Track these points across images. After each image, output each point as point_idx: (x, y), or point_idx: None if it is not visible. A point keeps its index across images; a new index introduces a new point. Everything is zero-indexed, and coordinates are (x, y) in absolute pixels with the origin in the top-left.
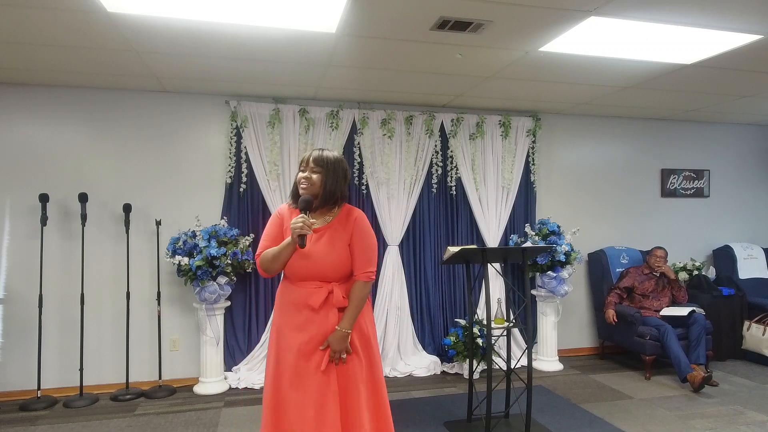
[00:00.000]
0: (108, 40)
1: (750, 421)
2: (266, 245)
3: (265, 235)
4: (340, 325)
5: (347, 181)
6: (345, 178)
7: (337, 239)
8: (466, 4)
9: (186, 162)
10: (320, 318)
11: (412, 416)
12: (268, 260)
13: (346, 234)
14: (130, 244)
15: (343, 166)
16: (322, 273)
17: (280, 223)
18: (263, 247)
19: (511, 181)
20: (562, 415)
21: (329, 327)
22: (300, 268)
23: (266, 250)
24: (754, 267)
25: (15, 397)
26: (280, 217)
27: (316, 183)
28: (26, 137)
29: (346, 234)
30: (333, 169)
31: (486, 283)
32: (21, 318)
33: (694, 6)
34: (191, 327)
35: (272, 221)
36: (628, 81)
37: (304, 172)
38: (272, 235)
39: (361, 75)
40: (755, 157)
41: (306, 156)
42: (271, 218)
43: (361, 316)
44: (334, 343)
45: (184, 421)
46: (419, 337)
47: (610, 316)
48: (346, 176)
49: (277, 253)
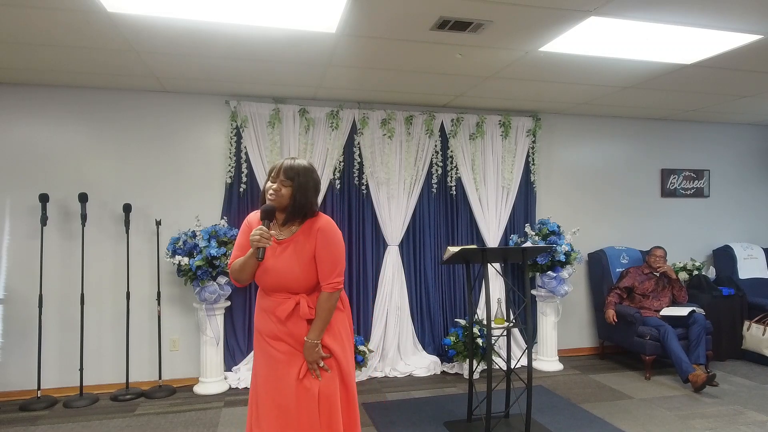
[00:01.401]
0: (108, 40)
1: (750, 421)
2: (236, 254)
3: (236, 244)
4: (308, 336)
5: (317, 193)
6: (315, 191)
7: (300, 251)
8: (466, 4)
9: (186, 162)
10: (289, 329)
11: (412, 416)
12: (237, 270)
13: (310, 245)
14: (130, 244)
15: (314, 177)
16: (288, 285)
17: (248, 231)
18: (234, 256)
19: (511, 181)
20: (562, 415)
21: (300, 338)
22: (266, 280)
23: (236, 259)
24: (754, 267)
25: (15, 397)
26: (248, 226)
27: (285, 196)
28: (26, 137)
29: (309, 245)
30: (304, 182)
31: (486, 283)
32: (21, 318)
33: (694, 6)
34: (191, 327)
35: (242, 230)
36: (628, 81)
37: (274, 182)
38: (242, 245)
39: (361, 75)
40: (755, 157)
41: (277, 166)
42: (241, 227)
43: (334, 324)
44: (306, 354)
45: (184, 421)
46: (419, 337)
47: (610, 316)
48: (317, 188)
49: (242, 263)
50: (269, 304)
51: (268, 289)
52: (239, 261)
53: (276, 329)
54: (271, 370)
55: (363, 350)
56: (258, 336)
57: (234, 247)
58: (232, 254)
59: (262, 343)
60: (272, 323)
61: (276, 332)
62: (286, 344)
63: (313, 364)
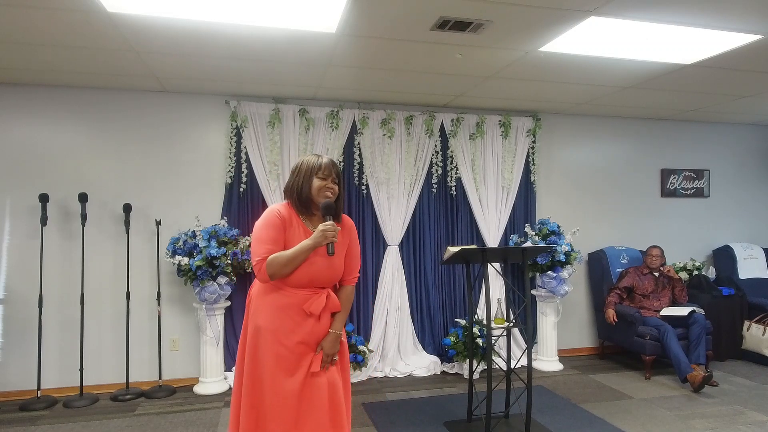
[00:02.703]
0: (108, 40)
1: (750, 421)
2: (270, 249)
3: (265, 238)
4: (334, 327)
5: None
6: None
7: (338, 247)
8: (466, 4)
9: (186, 162)
10: (312, 323)
11: (412, 416)
12: (280, 265)
13: (345, 241)
14: (130, 244)
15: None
16: (324, 279)
17: (282, 226)
18: (268, 251)
19: (511, 181)
20: (562, 415)
21: (323, 331)
22: (305, 274)
23: (273, 254)
24: (754, 267)
25: (15, 397)
26: (280, 219)
27: (335, 194)
28: (26, 137)
29: (344, 241)
30: (342, 183)
31: (486, 283)
32: (21, 318)
33: (694, 6)
34: (191, 327)
35: (273, 223)
36: (628, 81)
37: (325, 180)
38: (275, 239)
39: (361, 75)
40: (755, 157)
41: (324, 163)
42: (268, 220)
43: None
44: (328, 347)
45: (184, 421)
46: (419, 337)
47: (610, 316)
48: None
49: (292, 257)
50: (295, 299)
51: (297, 285)
52: (284, 255)
53: (295, 326)
54: (279, 369)
55: (363, 350)
56: (265, 335)
57: (262, 241)
58: (264, 249)
59: (271, 342)
60: (291, 320)
61: (294, 328)
62: (300, 341)
63: (333, 355)
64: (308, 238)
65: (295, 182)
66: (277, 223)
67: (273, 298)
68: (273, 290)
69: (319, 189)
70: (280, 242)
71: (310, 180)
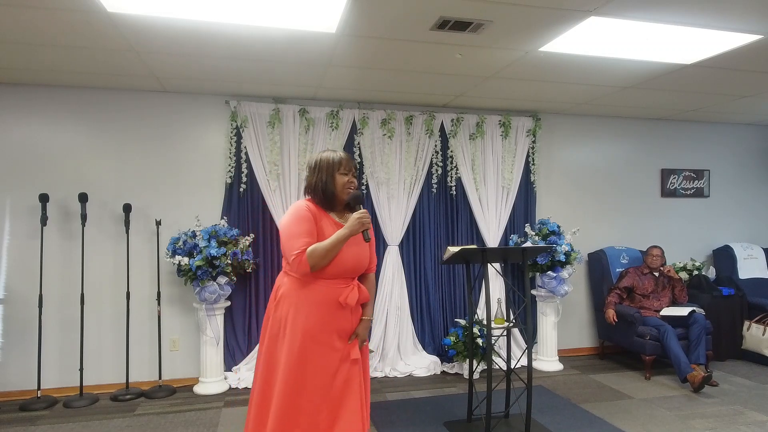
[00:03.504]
0: (108, 40)
1: (750, 421)
2: (307, 241)
3: (300, 231)
4: (366, 313)
5: None
6: None
7: (360, 237)
8: (466, 4)
9: (186, 162)
10: (348, 313)
11: (412, 416)
12: (320, 256)
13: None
14: (130, 244)
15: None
16: (356, 269)
17: (313, 219)
18: (306, 243)
19: (511, 181)
20: (562, 415)
21: (355, 321)
22: (338, 264)
23: (311, 246)
24: (754, 267)
25: (15, 397)
26: (310, 212)
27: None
28: (26, 137)
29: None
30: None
31: (486, 283)
32: (21, 318)
33: (694, 6)
34: (191, 327)
35: (305, 217)
36: (628, 81)
37: (347, 175)
38: (311, 231)
39: (361, 75)
40: (755, 157)
41: (344, 159)
42: (300, 215)
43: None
44: (362, 333)
45: (184, 421)
46: (419, 337)
47: (610, 316)
48: None
49: (330, 247)
50: (331, 292)
51: (330, 276)
52: (323, 246)
53: (331, 319)
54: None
55: None
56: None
57: (297, 235)
58: (301, 242)
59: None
60: (329, 314)
61: (331, 321)
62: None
63: (365, 340)
64: (344, 227)
65: (318, 179)
66: (308, 216)
67: (308, 292)
68: (307, 284)
69: (343, 185)
70: (314, 234)
71: (333, 176)
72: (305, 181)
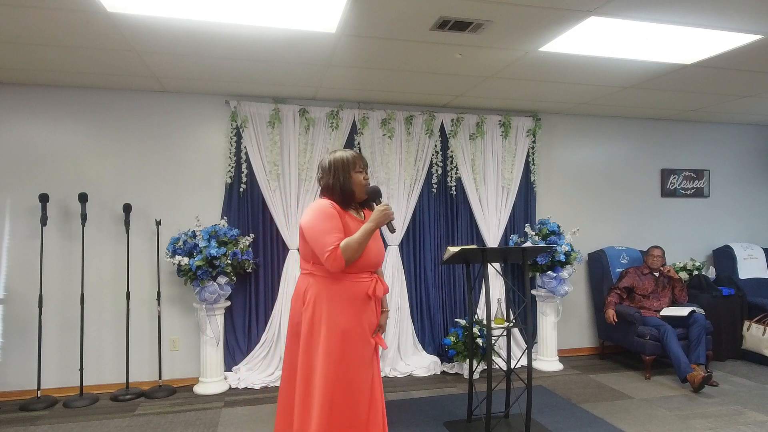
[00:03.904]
0: (108, 40)
1: (750, 421)
2: (340, 236)
3: (330, 228)
4: (384, 305)
5: None
6: None
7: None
8: (466, 4)
9: (186, 162)
10: (373, 306)
11: (412, 416)
12: (353, 249)
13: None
14: (130, 244)
15: None
16: (378, 262)
17: (338, 216)
18: (338, 238)
19: (511, 181)
20: (562, 415)
21: (378, 313)
22: (365, 258)
23: (344, 240)
24: (754, 267)
25: (15, 397)
26: (335, 209)
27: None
28: (26, 137)
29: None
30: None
31: (486, 283)
32: (21, 318)
33: (694, 6)
34: (191, 327)
35: (332, 214)
36: (628, 81)
37: (362, 173)
38: (339, 227)
39: (361, 75)
40: (755, 157)
41: (357, 158)
42: (326, 212)
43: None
44: (385, 324)
45: (184, 421)
46: (419, 337)
47: (610, 316)
48: None
49: (362, 240)
50: (361, 286)
51: (358, 270)
52: (355, 240)
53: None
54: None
55: None
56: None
57: (328, 231)
58: (333, 238)
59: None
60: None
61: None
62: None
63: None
64: (369, 221)
65: (336, 180)
66: (334, 212)
67: (339, 289)
68: (336, 281)
69: (360, 183)
70: (342, 230)
71: (350, 175)
72: (319, 183)
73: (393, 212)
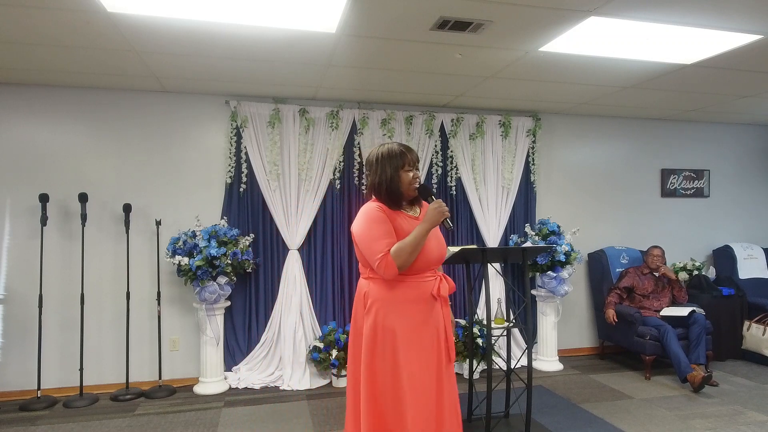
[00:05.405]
0: (108, 40)
1: (750, 421)
2: (390, 242)
3: (380, 233)
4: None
5: None
6: None
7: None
8: (466, 4)
9: (186, 162)
10: (439, 306)
11: None
12: (407, 253)
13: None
14: (130, 244)
15: None
16: (438, 260)
17: (387, 219)
18: (389, 244)
19: (511, 181)
20: (562, 415)
21: (446, 313)
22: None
23: (395, 246)
24: (754, 267)
25: (15, 397)
26: (384, 212)
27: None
28: (26, 137)
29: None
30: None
31: (486, 283)
32: (21, 318)
33: (694, 6)
34: (191, 327)
35: (380, 218)
36: (628, 81)
37: (411, 171)
38: (389, 231)
39: (361, 75)
40: (755, 157)
41: (406, 152)
42: (375, 216)
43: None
44: (450, 328)
45: (184, 421)
46: None
47: (610, 316)
48: None
49: (415, 243)
50: (422, 287)
51: (417, 271)
52: (407, 243)
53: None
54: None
55: None
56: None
57: (378, 238)
58: (384, 243)
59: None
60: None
61: (426, 319)
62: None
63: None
64: (423, 221)
65: (383, 179)
66: (383, 216)
67: (399, 292)
68: (396, 284)
69: (409, 182)
70: (393, 234)
71: (398, 173)
72: (367, 179)
73: (448, 209)
